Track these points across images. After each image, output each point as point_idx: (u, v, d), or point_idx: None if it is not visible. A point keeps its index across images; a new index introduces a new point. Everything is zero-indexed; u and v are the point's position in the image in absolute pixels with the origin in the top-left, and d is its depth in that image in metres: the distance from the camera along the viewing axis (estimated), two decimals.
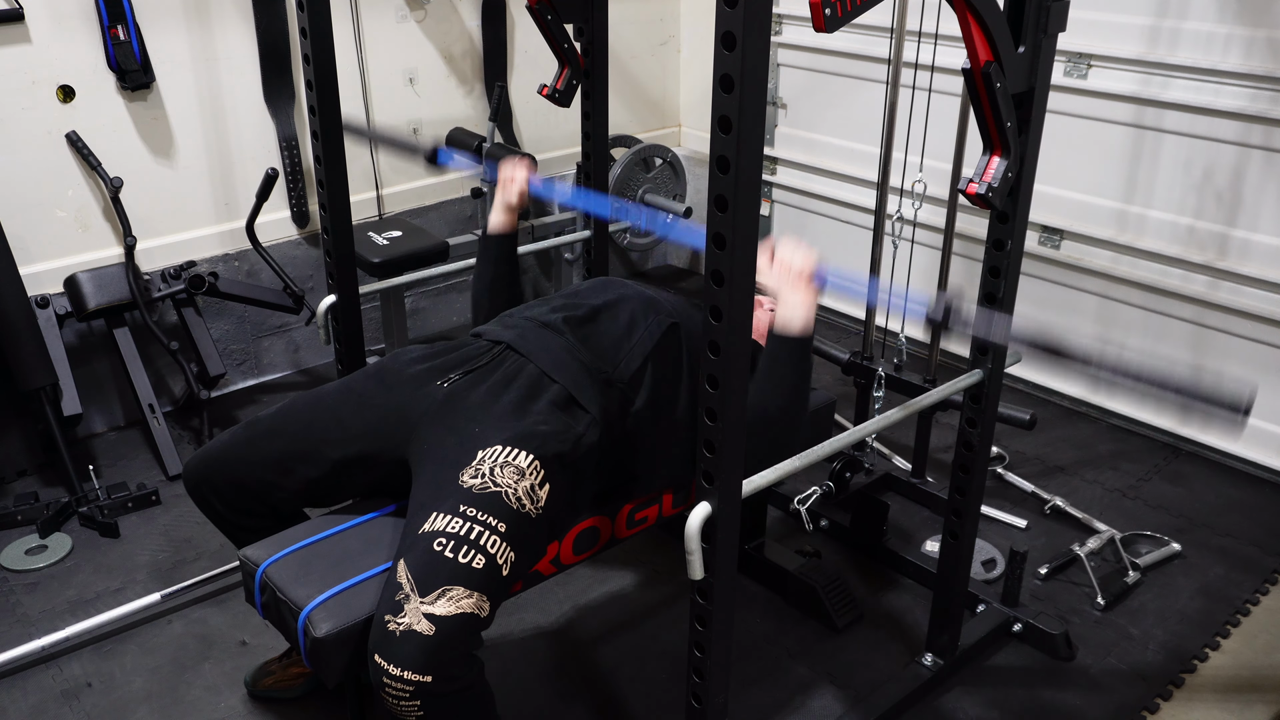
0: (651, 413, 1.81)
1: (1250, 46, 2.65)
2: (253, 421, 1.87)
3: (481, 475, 1.62)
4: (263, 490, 1.81)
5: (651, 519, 1.93)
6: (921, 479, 2.75)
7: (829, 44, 3.51)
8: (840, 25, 1.26)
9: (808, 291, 1.72)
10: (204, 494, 1.85)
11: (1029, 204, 1.78)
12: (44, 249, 2.86)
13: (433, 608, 1.49)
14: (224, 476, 1.83)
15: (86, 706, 2.08)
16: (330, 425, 1.80)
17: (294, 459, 1.79)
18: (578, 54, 2.38)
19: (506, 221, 2.17)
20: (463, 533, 1.55)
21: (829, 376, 3.31)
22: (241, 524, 1.86)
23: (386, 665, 1.47)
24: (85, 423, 2.97)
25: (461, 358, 1.86)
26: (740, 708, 2.08)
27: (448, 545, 1.54)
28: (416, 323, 3.67)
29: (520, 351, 1.83)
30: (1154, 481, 2.85)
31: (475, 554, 1.54)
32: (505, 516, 1.59)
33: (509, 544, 1.58)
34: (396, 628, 1.48)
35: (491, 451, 1.64)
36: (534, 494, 1.63)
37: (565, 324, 1.86)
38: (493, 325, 1.95)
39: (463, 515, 1.57)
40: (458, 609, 1.50)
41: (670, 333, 1.87)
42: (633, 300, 1.92)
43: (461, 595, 1.51)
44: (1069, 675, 2.18)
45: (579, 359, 1.80)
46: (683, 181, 3.93)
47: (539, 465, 1.64)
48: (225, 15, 3.00)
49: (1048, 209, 3.11)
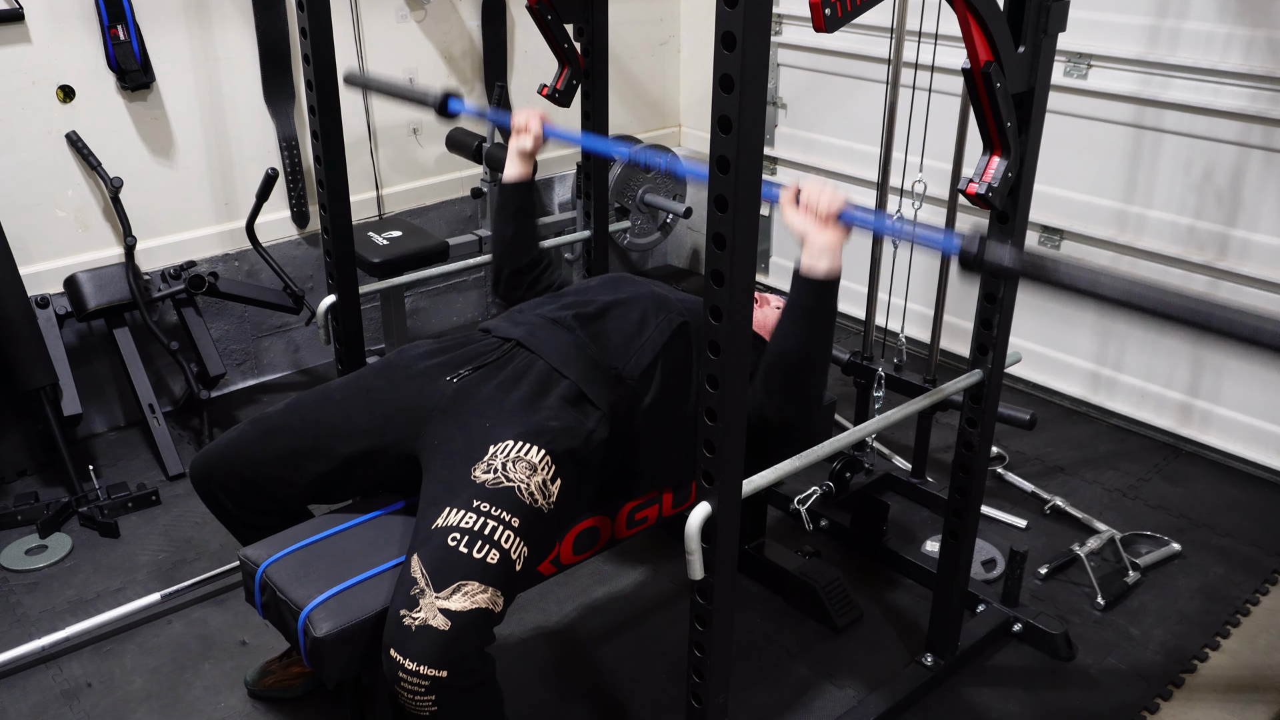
0: (660, 410, 1.81)
1: (1250, 46, 2.65)
2: (259, 418, 1.87)
3: (494, 470, 1.62)
4: (270, 486, 1.81)
5: (651, 519, 1.93)
6: (921, 479, 2.75)
7: (829, 44, 3.51)
8: (840, 25, 1.26)
9: (835, 231, 1.63)
10: (211, 490, 1.85)
11: (1029, 204, 1.78)
12: (44, 249, 2.86)
13: (448, 603, 1.49)
14: (232, 473, 1.83)
15: (86, 706, 2.08)
16: (339, 421, 1.81)
17: (302, 455, 1.80)
18: (578, 54, 2.38)
19: (523, 170, 2.17)
20: (477, 528, 1.56)
21: (829, 376, 3.31)
22: (249, 521, 1.87)
23: (402, 660, 1.47)
24: (85, 423, 2.97)
25: (471, 354, 1.85)
26: (740, 708, 2.08)
27: (462, 540, 1.54)
28: (416, 323, 3.67)
29: (530, 348, 1.83)
30: (1154, 481, 2.85)
31: (490, 549, 1.54)
32: (519, 512, 1.59)
33: (522, 539, 1.58)
34: (412, 623, 1.48)
35: (503, 446, 1.65)
36: (546, 489, 1.63)
37: (575, 320, 1.86)
38: (501, 321, 1.95)
39: (477, 510, 1.57)
40: (473, 604, 1.50)
41: (680, 331, 1.87)
42: (644, 298, 1.93)
43: (476, 590, 1.51)
44: (1069, 675, 2.18)
45: (589, 355, 1.80)
46: (683, 181, 3.93)
47: (550, 460, 1.65)
48: (225, 15, 3.00)
49: (1048, 209, 3.11)
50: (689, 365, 1.87)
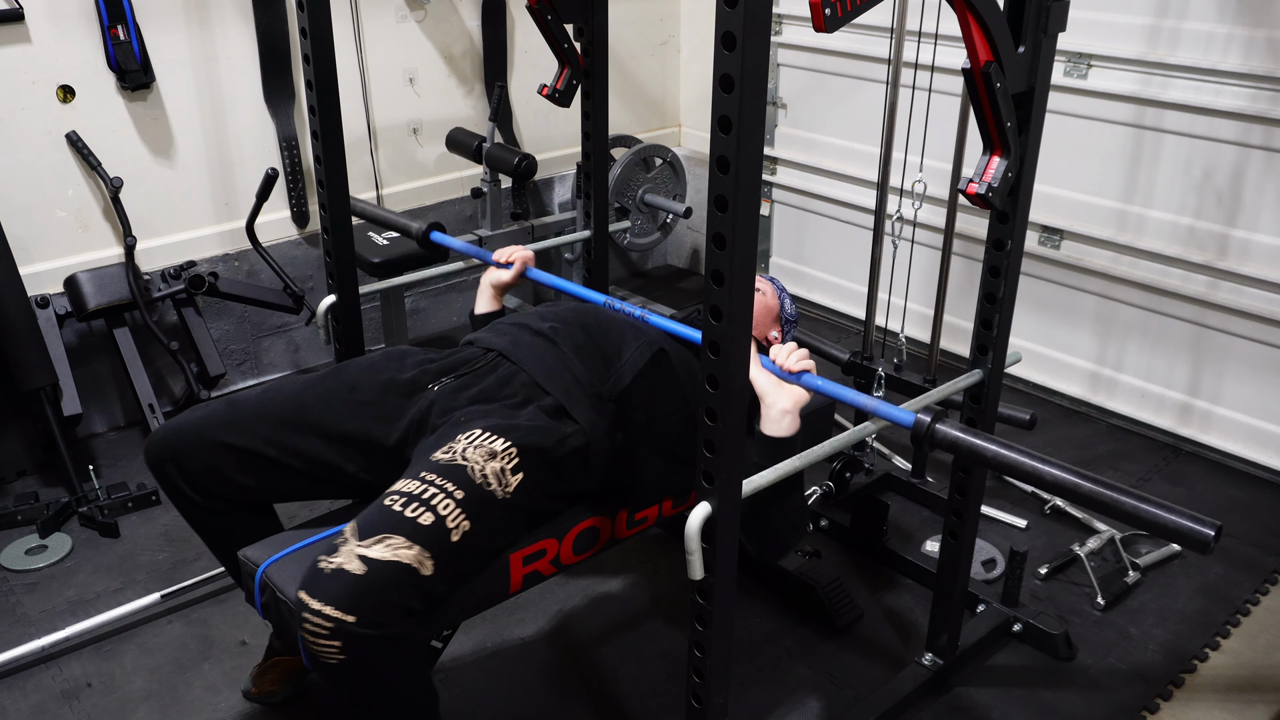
0: (641, 431, 1.81)
1: (1250, 46, 2.65)
2: (234, 400, 1.81)
3: (452, 452, 1.63)
4: (234, 473, 1.75)
5: (651, 519, 1.93)
6: (921, 479, 2.75)
7: (829, 44, 3.51)
8: (840, 25, 1.26)
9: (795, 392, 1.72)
10: (168, 472, 1.76)
11: (1029, 204, 1.78)
12: (44, 249, 2.86)
13: (368, 551, 1.48)
14: (196, 454, 1.74)
15: (86, 706, 2.08)
16: (320, 415, 1.77)
17: (274, 445, 1.75)
18: (578, 54, 2.38)
19: (495, 305, 2.19)
20: (415, 492, 1.56)
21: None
22: (205, 506, 1.79)
23: (309, 600, 1.43)
24: (85, 423, 2.97)
25: (455, 362, 1.87)
26: (740, 708, 2.08)
27: (398, 501, 1.55)
28: (416, 323, 3.67)
29: (513, 359, 1.83)
30: (1154, 481, 2.85)
31: (423, 510, 1.54)
32: (464, 486, 1.58)
33: (464, 511, 1.56)
34: (327, 566, 1.47)
35: (469, 434, 1.66)
36: (503, 477, 1.62)
37: (559, 336, 1.86)
38: (484, 333, 1.96)
39: (421, 479, 1.58)
40: (394, 555, 1.48)
41: (659, 357, 1.86)
42: (621, 324, 1.93)
43: (400, 544, 1.49)
44: (1069, 675, 2.18)
45: (572, 371, 1.80)
46: (683, 181, 3.93)
47: (515, 452, 1.65)
48: (225, 15, 3.00)
49: (1048, 209, 3.11)
50: (668, 390, 1.86)
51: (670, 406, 1.85)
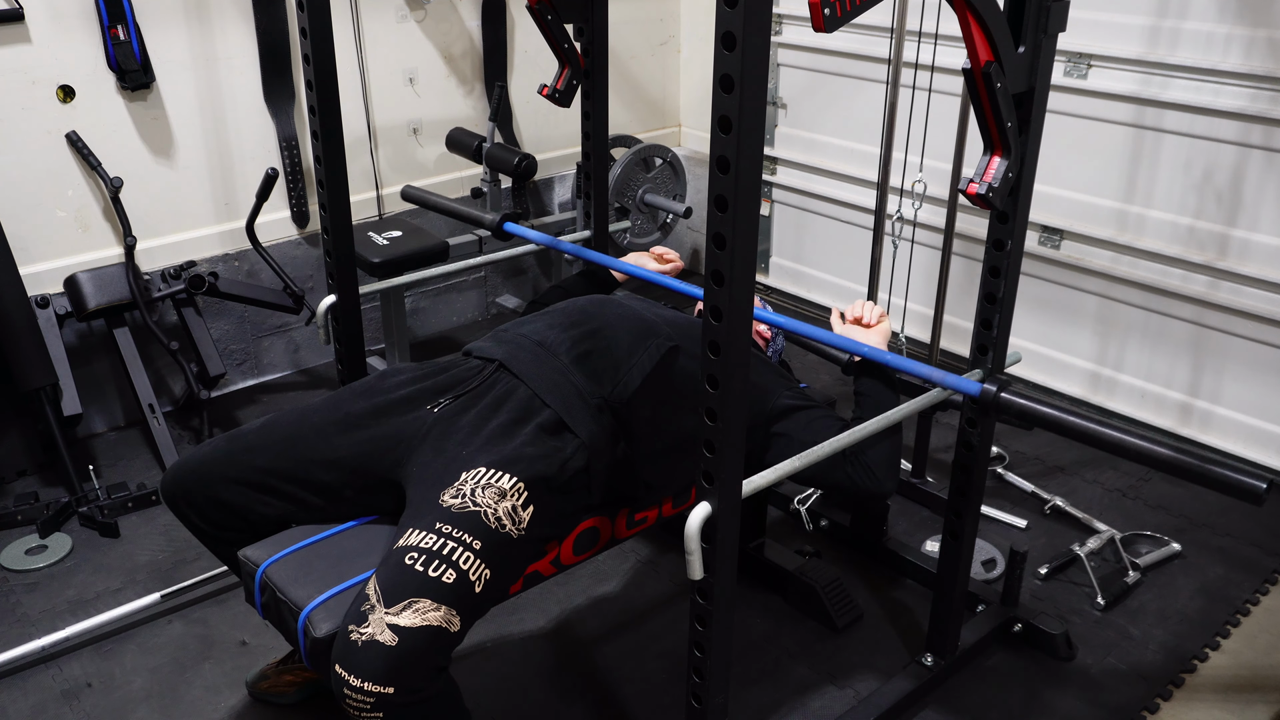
0: (648, 436, 1.80)
1: (1250, 46, 2.65)
2: (234, 435, 1.83)
3: (462, 495, 1.61)
4: (242, 507, 1.78)
5: (651, 519, 1.93)
6: (921, 479, 2.75)
7: (829, 44, 3.51)
8: (840, 25, 1.26)
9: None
10: (181, 509, 1.81)
11: (1029, 204, 1.78)
12: (44, 249, 2.86)
13: (397, 619, 1.47)
14: (202, 491, 1.78)
15: (86, 706, 2.08)
16: (317, 444, 1.77)
17: (277, 476, 1.76)
18: (578, 54, 2.38)
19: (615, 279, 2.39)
20: (435, 548, 1.54)
21: (828, 376, 3.32)
22: (220, 537, 1.83)
23: (347, 676, 1.45)
24: (85, 423, 2.97)
25: (453, 379, 1.84)
26: (740, 708, 2.08)
27: (419, 559, 1.53)
28: (416, 323, 3.67)
29: (513, 372, 1.82)
30: (1154, 481, 2.85)
31: (446, 569, 1.52)
32: (482, 534, 1.57)
33: (484, 562, 1.56)
34: (359, 638, 1.46)
35: (475, 473, 1.63)
36: (515, 515, 1.62)
37: (561, 345, 1.84)
38: (485, 342, 1.93)
39: (438, 532, 1.56)
40: (423, 621, 1.48)
41: (669, 356, 1.85)
42: (631, 321, 1.91)
43: (428, 608, 1.49)
44: (1069, 675, 2.18)
45: (572, 382, 1.78)
46: (683, 181, 3.93)
47: (522, 487, 1.63)
48: (225, 15, 3.00)
49: (1048, 209, 3.11)
50: (679, 387, 1.85)
51: (681, 403, 1.83)
